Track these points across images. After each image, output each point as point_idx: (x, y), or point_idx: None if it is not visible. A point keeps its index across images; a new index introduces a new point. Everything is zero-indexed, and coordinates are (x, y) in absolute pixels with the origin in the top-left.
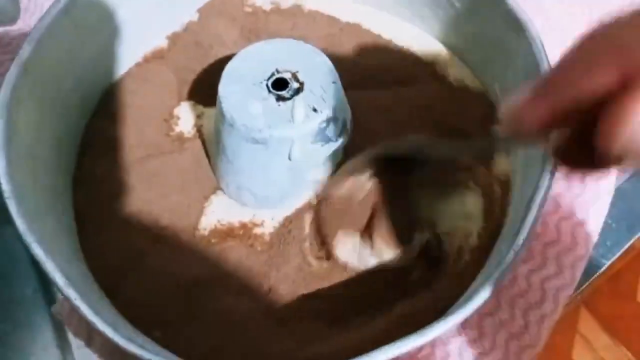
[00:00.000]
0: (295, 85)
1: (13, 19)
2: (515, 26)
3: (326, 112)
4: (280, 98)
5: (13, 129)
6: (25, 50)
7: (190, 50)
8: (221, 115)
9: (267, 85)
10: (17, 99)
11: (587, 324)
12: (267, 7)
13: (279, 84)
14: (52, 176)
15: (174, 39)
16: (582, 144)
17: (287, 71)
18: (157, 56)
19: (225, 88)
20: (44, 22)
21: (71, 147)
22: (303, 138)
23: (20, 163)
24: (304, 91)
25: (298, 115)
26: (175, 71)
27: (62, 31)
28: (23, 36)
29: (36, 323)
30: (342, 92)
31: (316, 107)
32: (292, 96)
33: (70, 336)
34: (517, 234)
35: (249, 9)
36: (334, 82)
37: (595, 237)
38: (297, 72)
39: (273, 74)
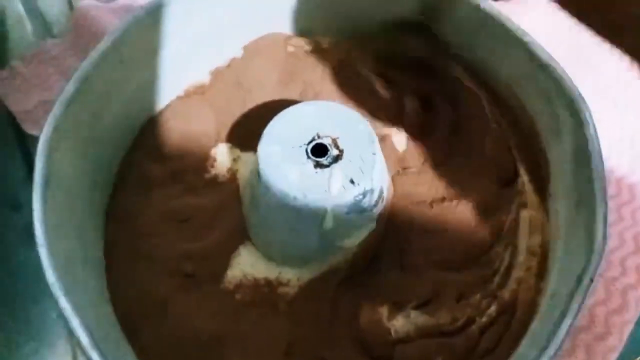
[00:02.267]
0: (335, 152)
1: (63, 32)
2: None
3: (363, 185)
4: (318, 165)
5: (52, 170)
6: (70, 89)
7: (230, 89)
8: (258, 174)
9: (306, 150)
10: (58, 138)
11: None
12: (308, 47)
13: (319, 150)
14: (85, 212)
15: (216, 75)
16: None
17: (327, 136)
18: (198, 92)
19: (265, 148)
20: (91, 60)
21: (107, 182)
22: (337, 209)
23: (56, 203)
24: (342, 160)
25: (334, 186)
26: (215, 110)
27: (108, 68)
28: (71, 51)
29: (57, 346)
30: (382, 161)
31: (354, 178)
32: (330, 164)
33: None
34: (551, 336)
35: (291, 48)
36: (374, 154)
37: (630, 327)
38: (338, 138)
39: (314, 139)
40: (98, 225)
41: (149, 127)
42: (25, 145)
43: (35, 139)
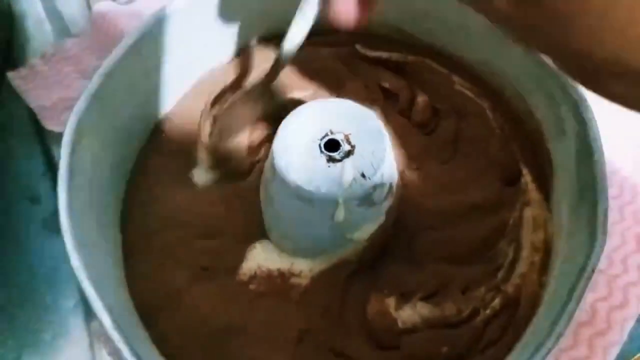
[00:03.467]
0: (347, 147)
1: (81, 32)
2: None
3: (374, 179)
4: (331, 159)
5: (76, 161)
6: (95, 83)
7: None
8: (272, 168)
9: (319, 145)
10: (82, 131)
11: None
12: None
13: (331, 145)
14: (105, 203)
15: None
16: None
17: (340, 132)
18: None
19: (280, 143)
20: (115, 56)
21: (125, 174)
22: (349, 201)
23: (79, 194)
24: (354, 155)
25: (346, 179)
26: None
27: (131, 64)
28: (89, 50)
29: (74, 335)
30: (391, 157)
31: (365, 172)
32: (342, 158)
33: (105, 354)
34: (553, 325)
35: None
36: (385, 150)
37: (631, 323)
38: (350, 134)
39: (327, 134)
40: (116, 216)
41: (165, 122)
42: (44, 140)
43: (54, 135)
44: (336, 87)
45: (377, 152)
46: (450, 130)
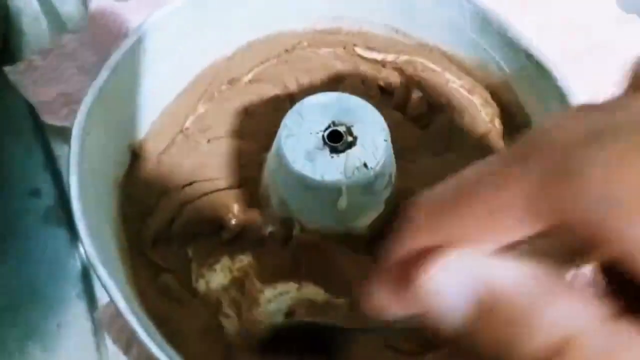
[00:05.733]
0: (349, 139)
1: (78, 28)
2: None
3: (376, 169)
4: (334, 150)
5: (85, 151)
6: (102, 76)
7: (245, 87)
8: (277, 158)
9: (323, 137)
10: (90, 122)
11: None
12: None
13: (334, 136)
14: (107, 191)
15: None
16: None
17: (342, 124)
18: None
19: (285, 135)
20: (121, 50)
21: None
22: (351, 190)
23: (88, 182)
24: (356, 145)
25: (349, 168)
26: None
27: (136, 58)
28: (87, 46)
29: (78, 324)
30: (391, 149)
31: (367, 162)
32: (345, 149)
33: (109, 342)
34: None
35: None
36: (385, 140)
37: None
38: (352, 126)
39: (329, 126)
40: (117, 210)
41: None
42: (43, 134)
43: (53, 129)
44: (335, 83)
45: (378, 143)
46: (444, 124)
